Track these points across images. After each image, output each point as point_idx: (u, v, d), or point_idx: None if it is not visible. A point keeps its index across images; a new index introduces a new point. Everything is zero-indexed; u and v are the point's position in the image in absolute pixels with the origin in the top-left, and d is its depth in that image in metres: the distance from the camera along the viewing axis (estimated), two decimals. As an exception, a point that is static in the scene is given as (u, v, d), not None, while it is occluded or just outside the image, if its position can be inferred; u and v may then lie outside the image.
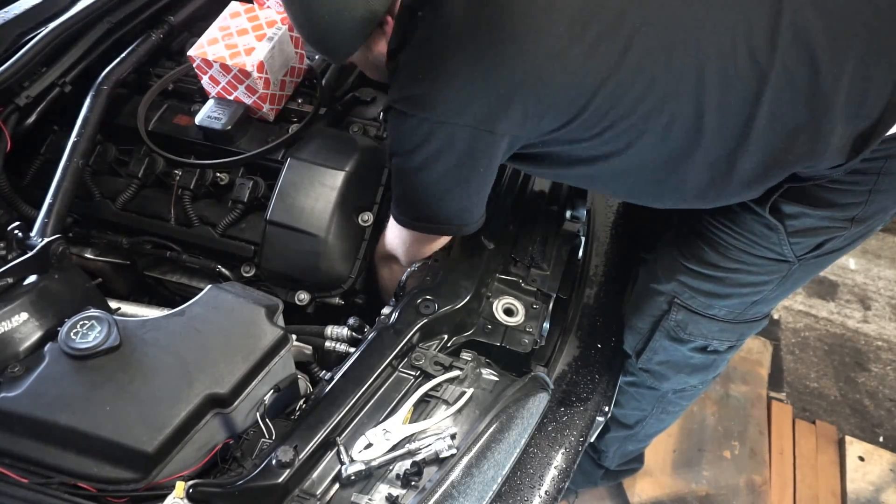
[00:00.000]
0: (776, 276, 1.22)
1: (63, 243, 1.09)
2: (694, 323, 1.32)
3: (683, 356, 1.41)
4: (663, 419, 1.69)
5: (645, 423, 1.68)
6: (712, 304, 1.28)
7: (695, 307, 1.30)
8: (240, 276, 1.42)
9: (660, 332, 1.37)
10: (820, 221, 1.12)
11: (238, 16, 1.47)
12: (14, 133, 1.37)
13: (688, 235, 1.28)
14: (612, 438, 1.78)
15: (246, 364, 0.97)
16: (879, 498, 2.20)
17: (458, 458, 0.94)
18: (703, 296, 1.28)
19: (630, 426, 1.71)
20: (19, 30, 1.45)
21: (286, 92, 1.51)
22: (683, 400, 1.61)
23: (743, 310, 1.29)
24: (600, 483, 2.02)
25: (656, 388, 1.53)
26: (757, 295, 1.26)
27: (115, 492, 0.89)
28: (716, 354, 1.41)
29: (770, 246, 1.16)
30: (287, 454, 0.90)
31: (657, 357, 1.42)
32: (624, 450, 1.84)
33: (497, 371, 1.11)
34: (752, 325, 1.35)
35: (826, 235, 1.14)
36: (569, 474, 1.16)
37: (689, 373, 1.47)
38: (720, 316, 1.30)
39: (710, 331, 1.34)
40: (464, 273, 1.18)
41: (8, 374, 0.94)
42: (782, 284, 1.24)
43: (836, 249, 1.18)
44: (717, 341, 1.36)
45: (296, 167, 1.38)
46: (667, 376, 1.47)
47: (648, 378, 1.50)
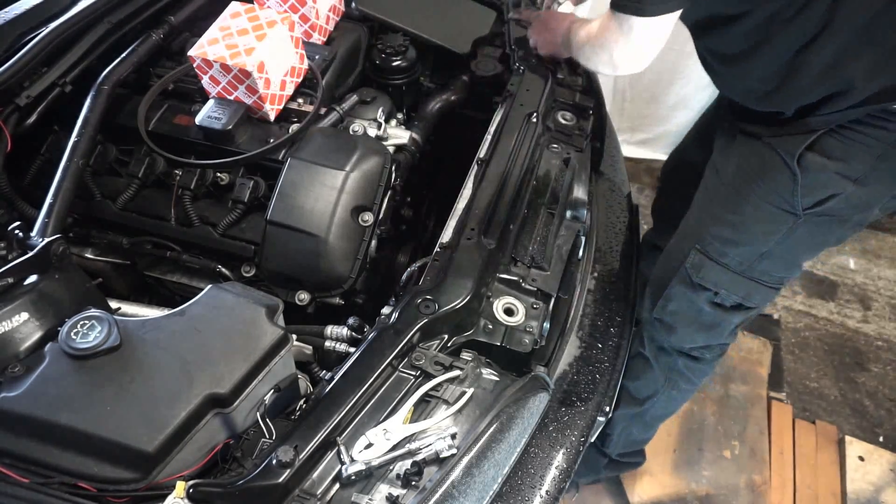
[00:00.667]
0: (783, 227, 1.36)
1: (63, 243, 1.09)
2: (707, 268, 1.46)
3: (694, 307, 1.53)
4: (673, 398, 1.78)
5: (655, 399, 1.77)
6: (725, 252, 1.43)
7: (710, 252, 1.45)
8: (240, 276, 1.42)
9: (676, 278, 1.52)
10: (831, 176, 1.27)
11: (238, 16, 1.47)
12: (14, 133, 1.37)
13: (716, 183, 1.45)
14: (620, 416, 1.84)
15: (246, 364, 0.97)
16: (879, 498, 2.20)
17: (459, 458, 0.94)
18: (719, 242, 1.43)
19: (640, 401, 1.78)
20: (20, 30, 1.45)
21: (286, 92, 1.51)
22: (691, 373, 1.70)
23: (751, 262, 1.42)
24: (603, 473, 2.05)
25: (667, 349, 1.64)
26: (764, 245, 1.39)
27: (116, 492, 0.89)
28: (723, 311, 1.52)
29: (785, 195, 1.31)
30: (287, 454, 0.90)
31: (670, 305, 1.56)
32: (629, 434, 1.90)
33: (497, 371, 1.11)
34: (758, 287, 1.46)
35: (832, 190, 1.28)
36: (570, 474, 1.16)
37: (697, 329, 1.58)
38: (731, 266, 1.44)
39: (720, 279, 1.46)
40: (464, 273, 1.18)
41: (8, 374, 0.94)
42: (786, 239, 1.37)
43: (835, 213, 1.32)
44: (725, 292, 1.48)
45: (296, 167, 1.38)
46: (675, 329, 1.59)
47: (660, 329, 1.61)
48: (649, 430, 1.96)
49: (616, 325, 1.47)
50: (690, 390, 1.78)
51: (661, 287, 1.57)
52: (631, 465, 2.13)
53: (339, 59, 1.63)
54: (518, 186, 1.39)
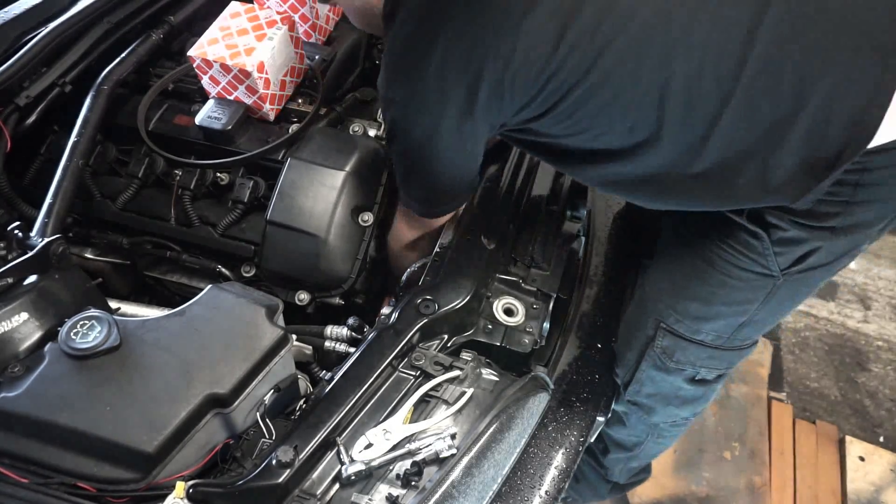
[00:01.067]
0: (761, 294, 1.18)
1: (63, 243, 1.09)
2: (681, 350, 1.29)
3: (672, 387, 1.38)
4: (661, 443, 1.66)
5: (643, 446, 1.66)
6: (699, 329, 1.25)
7: (681, 331, 1.27)
8: (240, 276, 1.42)
9: (646, 362, 1.33)
10: (800, 231, 1.08)
11: (238, 16, 1.47)
12: (14, 133, 1.38)
13: (675, 252, 1.27)
14: (615, 459, 1.77)
15: (246, 364, 0.97)
16: (880, 498, 2.20)
17: (459, 458, 0.94)
18: (690, 319, 1.25)
19: (629, 448, 1.70)
20: (19, 30, 1.45)
21: (286, 92, 1.51)
22: (676, 429, 1.58)
23: (731, 334, 1.26)
24: (608, 496, 2.02)
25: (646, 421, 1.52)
26: (743, 315, 1.22)
27: (116, 492, 0.89)
28: (705, 385, 1.38)
29: (755, 257, 1.13)
30: (287, 454, 0.90)
31: (645, 389, 1.39)
32: (629, 467, 1.83)
33: (497, 371, 1.11)
34: (740, 353, 1.32)
35: (808, 247, 1.10)
36: (569, 474, 1.15)
37: (679, 405, 1.44)
38: (708, 341, 1.27)
39: (697, 358, 1.30)
40: (464, 273, 1.18)
41: (8, 374, 0.94)
42: (767, 303, 1.20)
43: (820, 265, 1.13)
44: (706, 369, 1.33)
45: (296, 167, 1.38)
46: (655, 409, 1.45)
47: (637, 410, 1.47)
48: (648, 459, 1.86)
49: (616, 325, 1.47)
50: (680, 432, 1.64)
51: (629, 370, 1.38)
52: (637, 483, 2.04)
53: (339, 60, 1.63)
54: (518, 186, 1.40)
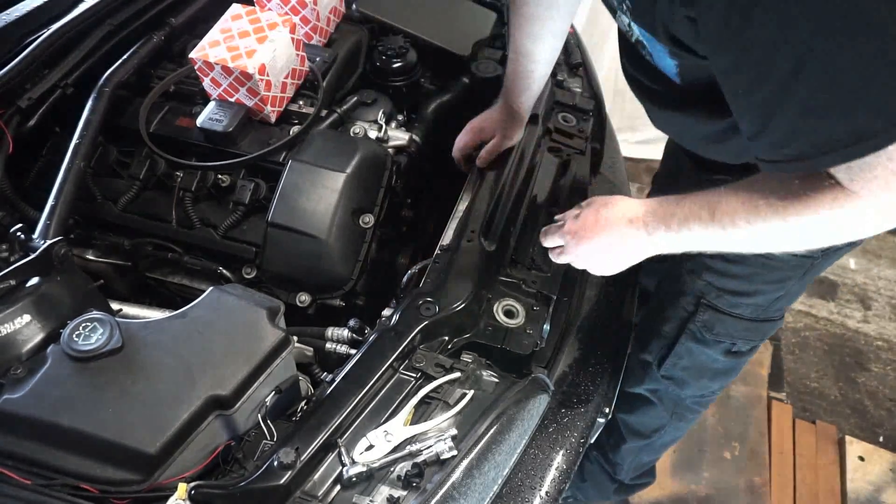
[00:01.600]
0: (799, 272, 1.22)
1: (65, 245, 1.09)
2: (720, 323, 1.33)
3: (708, 359, 1.41)
4: (680, 427, 1.68)
5: (662, 432, 1.68)
6: (738, 303, 1.29)
7: (721, 306, 1.30)
8: (241, 277, 1.42)
9: (686, 335, 1.37)
10: None
11: (239, 18, 1.47)
12: (16, 135, 1.38)
13: None
14: (628, 450, 1.78)
15: (247, 366, 0.97)
16: (879, 498, 2.20)
17: (459, 460, 0.94)
18: (730, 294, 1.28)
19: (646, 436, 1.71)
20: (21, 32, 1.45)
21: (287, 94, 1.51)
22: (700, 406, 1.61)
23: (767, 306, 1.30)
24: (612, 497, 2.03)
25: (676, 396, 1.53)
26: (781, 290, 1.26)
27: (118, 493, 0.89)
28: (738, 357, 1.41)
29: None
30: (288, 456, 0.90)
31: (682, 362, 1.42)
32: (639, 461, 1.84)
33: (497, 373, 1.11)
34: (774, 324, 1.36)
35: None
36: (569, 475, 1.16)
37: (711, 377, 1.47)
38: (746, 315, 1.31)
39: (735, 330, 1.34)
40: (464, 275, 1.18)
41: (11, 376, 0.94)
42: (803, 279, 1.25)
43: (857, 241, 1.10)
44: (742, 341, 1.37)
45: (297, 169, 1.38)
46: (688, 382, 1.47)
47: (670, 385, 1.49)
48: (659, 453, 1.90)
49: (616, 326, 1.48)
50: (698, 418, 1.69)
51: (666, 346, 1.43)
52: (642, 486, 2.08)
53: (340, 61, 1.64)
54: (518, 189, 1.40)
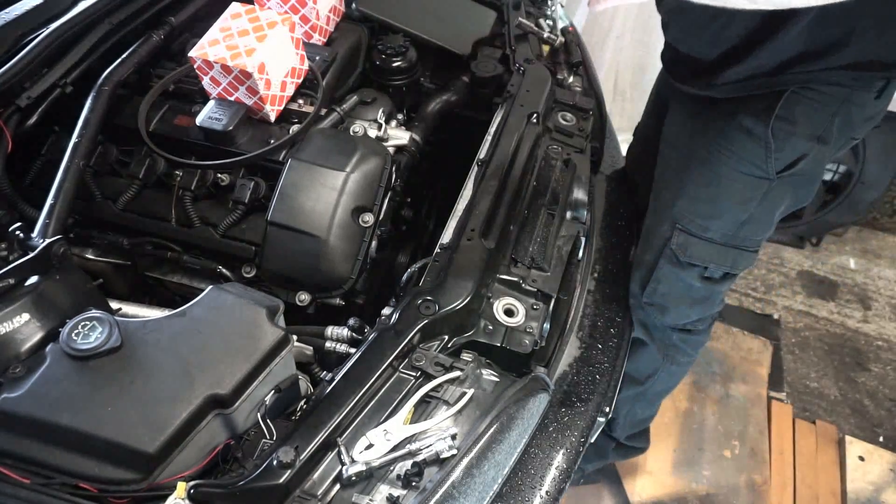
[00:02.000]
0: (758, 194, 1.40)
1: (64, 244, 1.09)
2: (693, 246, 1.49)
3: (684, 285, 1.55)
4: (673, 372, 1.80)
5: (656, 377, 1.80)
6: (708, 226, 1.46)
7: (693, 230, 1.48)
8: (240, 276, 1.42)
9: (663, 259, 1.53)
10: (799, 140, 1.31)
11: (239, 17, 1.47)
12: (15, 134, 1.37)
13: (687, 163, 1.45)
14: (623, 400, 1.86)
15: (247, 365, 0.97)
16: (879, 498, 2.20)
17: (459, 459, 0.94)
18: (700, 218, 1.46)
19: (640, 381, 1.81)
20: (20, 31, 1.45)
21: (287, 93, 1.51)
22: (687, 345, 1.73)
23: (734, 231, 1.46)
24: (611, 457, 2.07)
25: (661, 328, 1.65)
26: (743, 212, 1.43)
27: (117, 492, 0.89)
28: (713, 283, 1.55)
29: (756, 162, 1.35)
30: (288, 455, 0.90)
31: (661, 287, 1.56)
32: (633, 414, 1.93)
33: (497, 372, 1.11)
34: (742, 254, 1.50)
35: (800, 152, 1.33)
36: (570, 475, 1.16)
37: (689, 304, 1.61)
38: (716, 238, 1.47)
39: (707, 253, 1.49)
40: (464, 274, 1.18)
41: (9, 375, 0.94)
42: (762, 203, 1.41)
43: (804, 174, 1.37)
44: (714, 265, 1.51)
45: (296, 168, 1.38)
46: (668, 308, 1.60)
47: (653, 312, 1.61)
48: (652, 407, 2.00)
49: (616, 325, 1.48)
50: (689, 362, 1.82)
51: (648, 271, 1.58)
52: (636, 451, 2.16)
53: (340, 60, 1.63)
54: (518, 187, 1.40)
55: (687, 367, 1.85)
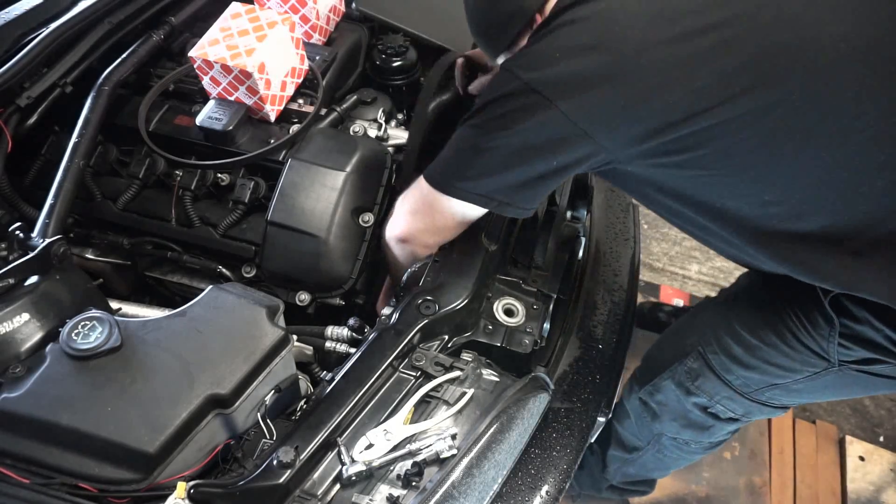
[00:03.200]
0: (808, 371, 1.14)
1: (64, 244, 1.09)
2: (705, 378, 1.29)
3: (682, 407, 1.37)
4: (661, 460, 1.62)
5: (642, 454, 1.63)
6: (731, 369, 1.24)
7: (714, 364, 1.26)
8: (240, 276, 1.42)
9: (669, 373, 1.34)
10: (880, 338, 1.03)
11: (239, 16, 1.47)
12: (15, 134, 1.38)
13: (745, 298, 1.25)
14: (613, 457, 1.74)
15: (247, 365, 0.97)
16: (880, 498, 2.20)
17: (459, 459, 0.94)
18: (728, 357, 1.23)
19: (627, 449, 1.66)
20: (20, 30, 1.45)
21: (287, 93, 1.51)
22: (680, 451, 1.54)
23: (759, 388, 1.23)
24: (604, 494, 2.02)
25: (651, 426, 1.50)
26: (780, 379, 1.19)
27: (117, 492, 0.89)
28: (715, 419, 1.36)
29: (817, 338, 1.09)
30: (288, 454, 0.90)
31: (658, 395, 1.40)
32: (625, 472, 1.79)
33: (498, 371, 1.11)
34: (762, 409, 1.28)
35: (880, 356, 1.05)
36: (570, 475, 1.16)
37: (684, 425, 1.43)
38: (734, 384, 1.25)
39: (717, 392, 1.29)
40: (464, 274, 1.18)
41: (9, 375, 0.94)
42: (811, 381, 1.16)
43: (887, 375, 1.09)
44: (721, 406, 1.31)
45: (296, 168, 1.38)
46: (661, 418, 1.44)
47: (645, 411, 1.47)
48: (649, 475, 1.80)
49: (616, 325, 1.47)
50: (682, 459, 1.59)
51: (652, 372, 1.40)
52: (636, 493, 2.01)
53: (340, 60, 1.63)
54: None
55: (682, 462, 1.62)
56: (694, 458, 1.58)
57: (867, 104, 0.92)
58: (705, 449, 1.52)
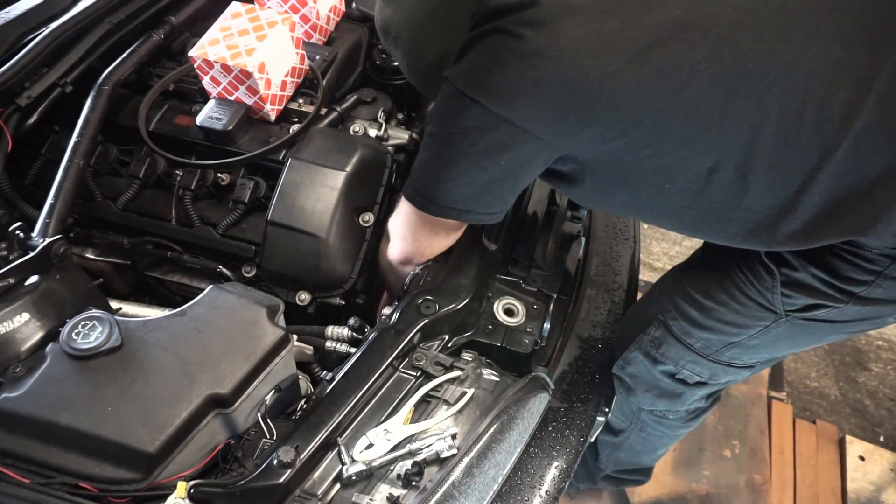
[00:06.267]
0: (759, 325, 1.18)
1: (64, 244, 1.09)
2: (668, 344, 1.31)
3: (652, 377, 1.39)
4: (646, 440, 1.64)
5: (627, 435, 1.64)
6: (690, 332, 1.26)
7: (674, 329, 1.28)
8: (241, 276, 1.42)
9: (636, 343, 1.36)
10: (817, 283, 1.07)
11: (239, 16, 1.47)
12: (15, 133, 1.37)
13: (697, 262, 1.29)
14: (603, 442, 1.76)
15: (247, 364, 0.97)
16: (880, 497, 2.20)
17: (459, 459, 0.94)
18: (685, 321, 1.26)
19: (614, 433, 1.68)
20: (20, 30, 1.45)
21: (287, 92, 1.51)
22: (660, 426, 1.57)
23: (718, 348, 1.26)
24: (600, 484, 2.03)
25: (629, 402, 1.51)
26: (735, 337, 1.22)
27: (117, 492, 0.89)
28: (684, 385, 1.38)
29: (762, 290, 1.12)
30: (288, 454, 0.90)
31: (629, 368, 1.41)
32: (616, 457, 1.80)
33: (498, 371, 1.11)
34: (726, 369, 1.31)
35: (820, 300, 1.08)
36: (569, 474, 1.16)
37: (657, 395, 1.44)
38: (695, 347, 1.28)
39: (681, 357, 1.31)
40: (464, 273, 1.18)
41: (10, 375, 0.94)
42: (764, 335, 1.19)
43: (830, 320, 1.12)
44: (687, 371, 1.34)
45: (297, 167, 1.38)
46: (635, 391, 1.45)
47: (620, 386, 1.48)
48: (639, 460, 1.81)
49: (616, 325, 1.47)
50: (666, 436, 1.62)
51: (621, 346, 1.41)
52: (631, 483, 2.01)
53: (340, 60, 1.63)
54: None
55: (667, 441, 1.65)
56: (678, 433, 1.61)
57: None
58: (685, 421, 1.55)
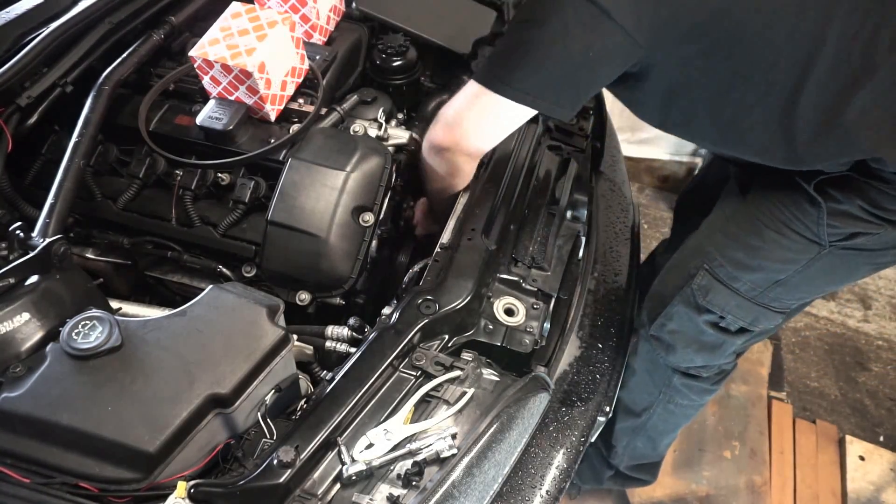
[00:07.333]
0: (804, 258, 1.27)
1: (65, 243, 1.09)
2: (715, 291, 1.37)
3: (695, 328, 1.45)
4: (671, 411, 1.70)
5: (652, 412, 1.70)
6: (738, 276, 1.34)
7: (721, 275, 1.35)
8: (241, 276, 1.42)
9: (679, 297, 1.42)
10: (859, 212, 1.18)
11: (239, 16, 1.47)
12: (15, 133, 1.37)
13: (734, 210, 1.37)
14: (622, 430, 1.78)
15: (247, 364, 0.97)
16: (880, 497, 2.20)
17: (459, 458, 0.94)
18: (732, 265, 1.33)
19: (637, 414, 1.72)
20: (20, 30, 1.45)
21: (287, 92, 1.51)
22: (690, 392, 1.63)
23: (764, 288, 1.34)
24: (606, 484, 2.03)
25: (662, 365, 1.57)
26: (781, 273, 1.31)
27: (117, 492, 0.89)
28: (726, 334, 1.44)
29: (808, 223, 1.23)
30: (288, 454, 0.90)
31: (670, 324, 1.47)
32: (633, 447, 1.84)
33: (498, 371, 1.11)
34: (766, 313, 1.38)
35: (861, 228, 1.20)
36: (570, 474, 1.16)
37: (696, 350, 1.50)
38: (742, 291, 1.35)
39: (727, 303, 1.38)
40: (465, 273, 1.18)
41: (10, 375, 0.94)
42: (807, 269, 1.28)
43: (867, 248, 1.23)
44: (732, 317, 1.40)
45: (297, 167, 1.38)
46: (674, 347, 1.51)
47: (657, 347, 1.53)
48: (656, 445, 1.86)
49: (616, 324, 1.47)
50: (690, 406, 1.70)
51: (661, 304, 1.48)
52: (638, 482, 2.05)
53: (340, 60, 1.63)
54: (518, 187, 1.40)
55: (690, 412, 1.73)
56: (702, 401, 1.68)
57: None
58: (712, 384, 1.63)
